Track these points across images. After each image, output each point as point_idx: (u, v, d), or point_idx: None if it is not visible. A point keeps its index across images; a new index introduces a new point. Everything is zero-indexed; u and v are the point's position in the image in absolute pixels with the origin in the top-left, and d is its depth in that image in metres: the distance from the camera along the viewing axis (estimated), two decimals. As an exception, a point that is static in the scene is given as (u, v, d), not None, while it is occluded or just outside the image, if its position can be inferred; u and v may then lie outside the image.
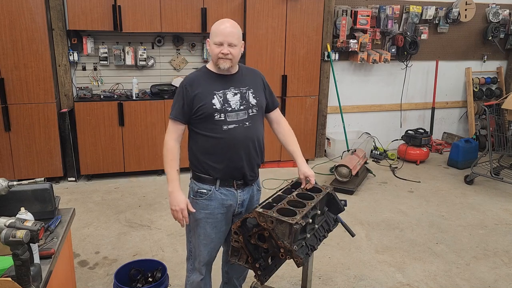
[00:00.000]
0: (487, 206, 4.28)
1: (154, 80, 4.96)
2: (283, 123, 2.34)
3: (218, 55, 2.02)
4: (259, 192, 2.30)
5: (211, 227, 2.16)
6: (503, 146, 4.83)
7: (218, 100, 2.05)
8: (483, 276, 3.09)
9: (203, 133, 2.08)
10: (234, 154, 2.07)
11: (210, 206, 2.12)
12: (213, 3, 4.61)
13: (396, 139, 5.85)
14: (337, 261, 3.24)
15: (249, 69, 2.26)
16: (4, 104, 4.20)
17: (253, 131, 2.12)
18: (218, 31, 2.03)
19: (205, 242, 2.19)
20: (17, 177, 4.33)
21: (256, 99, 2.14)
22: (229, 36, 2.01)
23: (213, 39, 2.05)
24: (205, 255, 2.21)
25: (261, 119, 2.21)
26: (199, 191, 2.14)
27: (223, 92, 2.07)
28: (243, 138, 2.08)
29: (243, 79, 2.16)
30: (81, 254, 3.25)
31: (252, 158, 2.14)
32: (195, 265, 2.27)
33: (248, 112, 2.10)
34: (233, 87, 2.11)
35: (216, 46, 2.03)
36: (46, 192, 2.07)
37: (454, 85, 6.22)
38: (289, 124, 2.39)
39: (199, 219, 2.16)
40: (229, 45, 2.02)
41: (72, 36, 4.55)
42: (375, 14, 5.36)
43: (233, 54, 2.03)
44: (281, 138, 2.33)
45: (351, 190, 4.47)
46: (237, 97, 2.09)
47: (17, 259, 1.49)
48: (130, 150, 4.64)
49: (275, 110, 2.32)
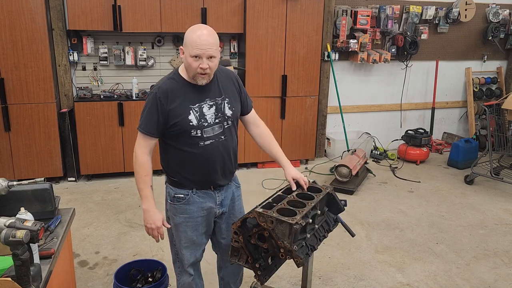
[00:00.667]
0: (487, 206, 4.28)
1: (154, 80, 4.96)
2: (261, 125, 2.24)
3: (197, 70, 1.88)
4: (238, 188, 2.24)
5: (191, 230, 2.12)
6: (503, 146, 4.83)
7: (195, 116, 1.95)
8: (483, 276, 3.09)
9: (177, 147, 2.01)
10: (209, 168, 2.04)
11: (189, 210, 2.08)
12: (213, 3, 4.61)
13: (396, 139, 5.86)
14: (337, 261, 3.24)
15: (224, 71, 2.11)
16: (4, 104, 4.20)
17: (229, 143, 2.07)
18: (194, 43, 1.84)
19: (187, 244, 2.15)
20: (17, 177, 4.33)
21: (232, 110, 2.05)
22: (208, 47, 1.84)
23: (188, 49, 1.87)
24: (189, 257, 2.18)
25: (235, 129, 2.13)
26: (176, 196, 2.09)
27: (199, 106, 1.97)
28: (219, 152, 2.03)
29: (219, 87, 2.04)
30: (81, 254, 3.25)
31: (227, 168, 2.10)
32: (183, 268, 2.23)
33: (223, 125, 2.03)
34: (208, 98, 2.00)
35: (194, 59, 1.86)
36: (46, 192, 2.07)
37: (454, 85, 6.22)
38: (289, 124, 2.37)
39: (179, 223, 2.12)
40: (208, 58, 1.87)
41: (72, 36, 4.55)
42: (375, 14, 5.36)
43: (211, 68, 1.89)
44: (260, 141, 2.23)
45: (351, 190, 4.47)
46: (213, 110, 1.99)
47: (17, 259, 1.49)
48: (130, 150, 4.63)
49: (251, 112, 2.22)
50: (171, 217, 2.16)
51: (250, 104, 2.21)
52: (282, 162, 2.22)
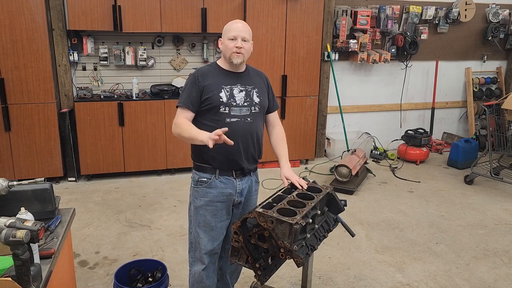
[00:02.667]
0: (487, 206, 4.28)
1: (154, 80, 4.97)
2: (278, 126, 2.42)
3: (233, 49, 2.13)
4: (257, 183, 2.38)
5: (210, 215, 2.22)
6: (503, 146, 4.83)
7: (225, 94, 2.15)
8: (483, 276, 3.09)
9: (205, 123, 2.15)
10: (233, 147, 2.09)
11: (210, 193, 2.20)
12: (213, 3, 4.61)
13: (396, 139, 5.86)
14: (337, 261, 3.24)
15: (255, 70, 2.35)
16: (4, 104, 4.20)
17: (254, 126, 2.21)
18: (231, 28, 2.16)
19: (205, 229, 2.23)
20: (17, 177, 4.33)
21: (259, 98, 2.24)
22: (242, 31, 2.15)
23: (226, 34, 2.17)
24: (205, 243, 2.24)
25: (262, 117, 2.30)
26: (199, 180, 2.22)
27: (230, 88, 2.18)
28: (243, 132, 2.17)
29: (250, 78, 2.26)
30: (81, 254, 3.25)
31: (250, 152, 2.23)
32: (196, 255, 2.30)
33: (250, 109, 2.20)
34: (239, 84, 2.21)
35: (230, 41, 2.14)
36: (46, 192, 2.07)
37: (454, 85, 6.22)
38: (289, 124, 2.42)
39: (199, 206, 2.22)
40: (242, 40, 2.14)
41: (72, 36, 4.56)
42: (375, 14, 5.36)
43: (245, 49, 2.15)
44: (273, 141, 2.41)
45: (351, 190, 4.47)
46: (242, 94, 2.19)
47: (17, 259, 1.49)
48: (130, 150, 4.64)
49: (273, 113, 2.40)
50: (192, 201, 2.27)
51: (275, 105, 2.42)
52: (280, 162, 2.36)
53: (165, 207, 4.07)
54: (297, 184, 2.21)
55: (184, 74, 5.01)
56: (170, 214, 3.94)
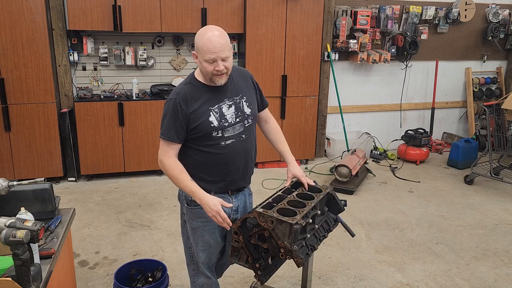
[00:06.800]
0: (487, 206, 4.28)
1: (154, 80, 4.97)
2: (272, 121, 2.28)
3: (213, 72, 1.88)
4: (250, 196, 2.26)
5: (208, 234, 2.11)
6: (503, 146, 4.83)
7: (215, 117, 1.95)
8: (483, 276, 3.09)
9: (198, 149, 1.99)
10: (232, 169, 2.03)
11: (206, 214, 1.99)
12: (213, 3, 4.62)
13: (396, 139, 5.86)
14: (337, 261, 3.24)
15: (238, 71, 2.13)
16: (4, 104, 4.20)
17: (249, 142, 2.08)
18: (207, 47, 1.83)
19: (204, 248, 2.15)
20: (17, 177, 4.33)
21: (250, 108, 2.07)
22: (220, 51, 1.84)
23: (202, 55, 1.86)
24: (204, 260, 2.19)
25: (255, 127, 2.16)
26: (192, 200, 2.02)
27: (218, 107, 1.97)
28: (240, 152, 2.03)
29: (235, 85, 2.05)
30: (81, 254, 3.25)
31: (248, 169, 2.12)
32: (199, 270, 2.23)
33: (244, 124, 2.04)
34: (227, 98, 2.00)
35: (209, 64, 1.86)
36: (46, 192, 2.07)
37: (454, 85, 6.22)
38: (288, 124, 2.38)
39: (196, 227, 2.10)
40: (223, 60, 1.86)
41: (72, 36, 4.56)
42: (375, 14, 5.36)
43: (227, 68, 1.90)
44: (270, 137, 2.28)
45: (351, 190, 4.47)
46: (232, 109, 2.00)
47: (17, 259, 1.49)
48: (130, 150, 4.64)
49: (264, 110, 2.26)
50: (187, 221, 2.13)
51: (265, 103, 2.24)
52: (287, 159, 2.24)
53: (165, 207, 4.07)
54: (305, 183, 2.14)
55: (184, 74, 5.01)
56: (170, 214, 3.94)
